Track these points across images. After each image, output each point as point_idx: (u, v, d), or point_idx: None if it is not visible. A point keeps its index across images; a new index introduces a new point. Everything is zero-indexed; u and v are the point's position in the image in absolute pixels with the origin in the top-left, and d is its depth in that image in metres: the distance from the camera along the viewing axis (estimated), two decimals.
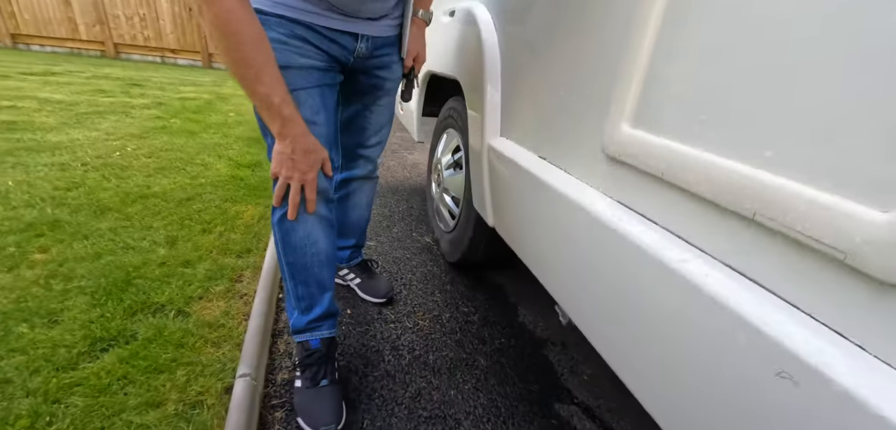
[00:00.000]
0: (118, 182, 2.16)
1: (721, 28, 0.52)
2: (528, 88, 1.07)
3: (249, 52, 0.76)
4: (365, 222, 1.50)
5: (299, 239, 1.01)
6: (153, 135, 3.07)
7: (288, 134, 0.85)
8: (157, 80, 5.62)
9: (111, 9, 7.26)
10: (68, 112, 3.48)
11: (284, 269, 1.06)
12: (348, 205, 1.41)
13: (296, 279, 1.06)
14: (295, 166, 0.89)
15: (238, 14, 0.72)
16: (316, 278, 1.07)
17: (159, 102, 4.21)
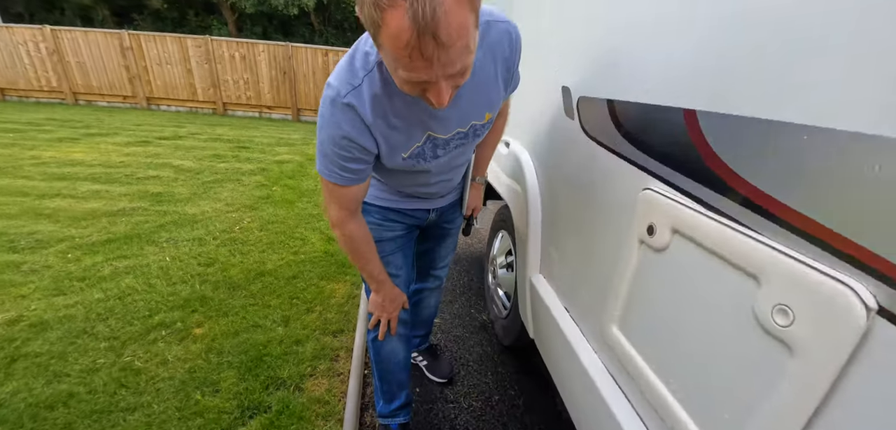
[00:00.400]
0: (241, 258, 2.76)
1: (673, 293, 0.83)
2: (560, 242, 1.39)
3: (363, 251, 1.14)
4: (432, 318, 1.88)
5: (386, 352, 1.42)
6: (261, 205, 3.74)
7: (381, 291, 1.25)
8: (258, 140, 6.60)
9: (222, 75, 8.61)
10: (196, 181, 4.32)
11: (374, 369, 1.47)
12: (420, 307, 1.80)
13: (382, 379, 1.46)
14: (384, 309, 1.29)
15: (358, 232, 1.10)
16: (397, 379, 1.47)
17: (262, 166, 5.02)
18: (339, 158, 0.91)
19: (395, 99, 0.88)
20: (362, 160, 0.94)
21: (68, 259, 2.65)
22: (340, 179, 0.95)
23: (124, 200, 3.70)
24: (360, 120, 0.87)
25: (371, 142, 0.91)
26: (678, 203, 0.78)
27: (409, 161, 1.00)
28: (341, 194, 0.99)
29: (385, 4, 0.59)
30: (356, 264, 1.19)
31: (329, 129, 0.88)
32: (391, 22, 0.60)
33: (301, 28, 20.58)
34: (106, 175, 4.37)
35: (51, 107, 8.56)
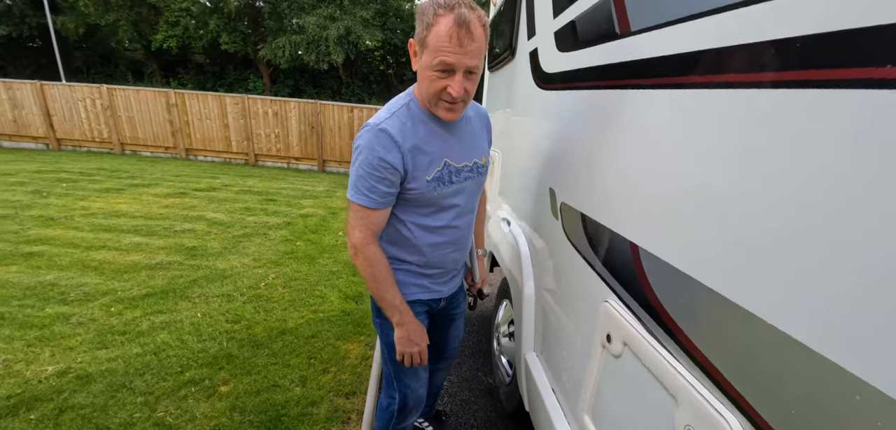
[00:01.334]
0: (265, 316, 2.97)
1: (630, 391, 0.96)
2: (549, 327, 1.53)
3: (383, 275, 1.22)
4: (439, 389, 2.00)
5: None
6: (285, 261, 3.99)
7: (405, 322, 1.27)
8: (285, 192, 7.00)
9: (255, 129, 9.23)
10: (227, 235, 4.64)
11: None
12: (430, 384, 1.91)
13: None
14: (413, 342, 1.30)
15: (378, 255, 1.21)
16: None
17: (288, 220, 5.34)
18: (372, 180, 1.13)
19: (419, 128, 1.17)
20: (391, 181, 1.15)
21: (111, 313, 2.92)
22: (370, 201, 1.15)
23: (162, 254, 4.02)
24: (392, 140, 1.12)
25: (399, 161, 1.13)
26: (627, 322, 0.93)
27: (432, 184, 1.21)
28: (369, 217, 1.17)
29: (441, 12, 1.01)
30: (376, 292, 1.25)
31: (366, 152, 1.12)
32: (441, 21, 1.01)
33: (330, 81, 21.77)
34: (147, 227, 4.75)
35: (100, 156, 9.30)
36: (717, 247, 0.70)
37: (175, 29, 18.70)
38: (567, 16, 1.44)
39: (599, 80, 1.17)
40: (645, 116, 0.93)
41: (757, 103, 0.62)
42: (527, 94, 1.98)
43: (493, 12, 2.98)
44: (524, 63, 2.03)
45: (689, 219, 0.77)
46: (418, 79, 1.14)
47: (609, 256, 1.06)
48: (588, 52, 1.26)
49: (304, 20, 16.92)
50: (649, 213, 0.90)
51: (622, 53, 1.03)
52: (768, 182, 0.60)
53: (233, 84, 21.75)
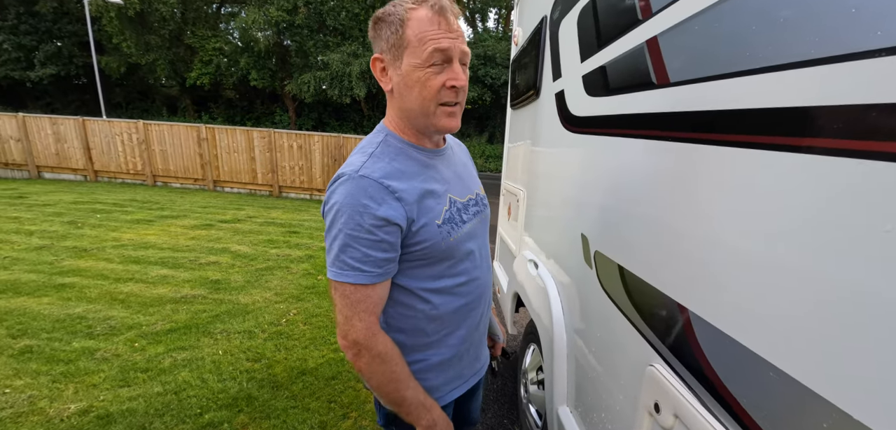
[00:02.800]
0: (285, 354, 2.93)
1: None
2: (584, 384, 1.44)
3: (399, 371, 0.92)
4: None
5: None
6: (307, 296, 3.98)
7: (436, 421, 0.98)
8: (307, 224, 7.09)
9: (280, 162, 9.48)
10: (250, 268, 4.68)
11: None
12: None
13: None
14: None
15: (390, 347, 0.91)
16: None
17: (310, 253, 5.36)
18: (363, 245, 0.84)
19: (408, 164, 0.94)
20: (389, 244, 0.87)
21: (135, 348, 2.94)
22: (367, 276, 0.86)
23: (187, 287, 4.07)
24: (382, 188, 0.86)
25: (399, 212, 0.87)
26: (679, 392, 0.85)
27: (445, 229, 0.95)
28: (368, 298, 0.88)
29: (413, 5, 0.87)
30: (395, 395, 0.94)
31: (348, 211, 0.84)
32: (416, 13, 0.86)
33: (353, 114, 22.36)
34: (173, 260, 4.84)
35: (134, 188, 9.66)
36: (774, 322, 0.63)
37: (208, 67, 19.67)
38: (596, 61, 1.41)
39: (637, 128, 1.12)
40: (694, 171, 0.87)
41: (832, 174, 0.56)
42: (553, 134, 1.94)
43: (515, 51, 2.99)
44: (550, 103, 2.00)
45: (746, 287, 0.70)
46: (400, 93, 0.92)
47: (653, 314, 0.99)
48: (621, 99, 1.22)
49: (328, 57, 17.55)
50: (701, 276, 0.83)
51: (661, 104, 0.99)
52: (840, 259, 0.54)
53: (260, 118, 22.59)
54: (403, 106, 0.94)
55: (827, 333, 0.56)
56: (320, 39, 18.71)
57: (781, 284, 0.64)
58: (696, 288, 0.84)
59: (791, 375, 0.60)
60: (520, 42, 2.87)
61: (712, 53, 0.81)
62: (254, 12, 18.13)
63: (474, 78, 19.25)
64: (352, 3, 18.79)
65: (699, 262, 0.83)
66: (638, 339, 1.04)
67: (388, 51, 0.91)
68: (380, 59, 0.94)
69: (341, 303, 0.88)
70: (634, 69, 1.13)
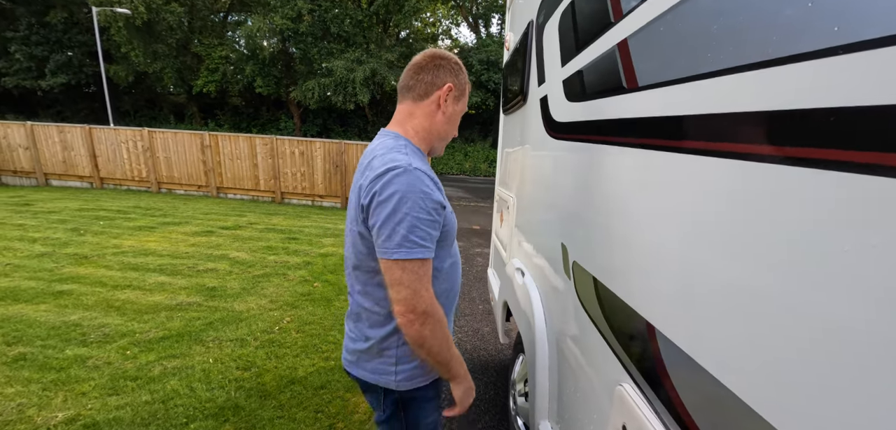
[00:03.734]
0: (276, 363, 2.91)
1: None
2: (563, 397, 1.39)
3: (448, 332, 1.05)
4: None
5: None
6: (302, 303, 3.97)
7: (464, 379, 1.12)
8: (307, 230, 7.09)
9: (282, 168, 9.52)
10: (247, 275, 4.68)
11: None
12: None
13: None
14: (464, 404, 1.16)
15: (441, 315, 1.02)
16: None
17: (307, 260, 5.36)
18: (426, 226, 0.98)
19: (425, 161, 1.14)
20: (439, 223, 1.03)
21: (127, 356, 2.93)
22: (429, 252, 0.99)
23: (183, 294, 4.07)
24: (429, 176, 1.03)
25: (441, 196, 1.05)
26: (644, 416, 0.80)
27: (453, 213, 1.14)
28: (429, 271, 1.01)
29: (469, 84, 1.21)
30: (444, 355, 1.06)
31: (412, 197, 0.96)
32: (467, 87, 1.22)
33: (357, 120, 22.46)
34: (172, 267, 4.85)
35: (138, 195, 9.75)
36: (739, 348, 0.58)
37: (214, 74, 19.89)
38: (575, 65, 1.37)
39: (609, 134, 1.09)
40: (661, 178, 0.83)
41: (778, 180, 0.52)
42: (538, 140, 1.91)
43: (507, 56, 2.97)
44: (535, 109, 1.97)
45: (705, 307, 0.66)
46: (443, 119, 1.17)
47: (623, 331, 0.94)
48: (596, 105, 1.18)
49: (332, 64, 17.66)
50: (665, 290, 0.79)
51: (631, 109, 0.95)
52: (813, 281, 0.49)
53: (265, 124, 22.77)
54: (435, 128, 1.17)
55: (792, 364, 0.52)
56: (324, 46, 18.84)
57: (740, 305, 0.59)
58: (662, 306, 0.80)
59: (749, 404, 0.56)
60: (511, 47, 2.85)
61: (680, 55, 0.77)
62: (259, 20, 18.33)
63: (477, 83, 19.26)
64: (355, 10, 18.92)
65: (665, 277, 0.79)
66: (610, 356, 0.99)
67: (458, 89, 1.18)
68: (452, 88, 1.16)
69: (410, 278, 0.97)
70: (607, 73, 1.09)
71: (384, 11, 19.82)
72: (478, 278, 5.25)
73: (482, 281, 5.14)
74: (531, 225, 1.97)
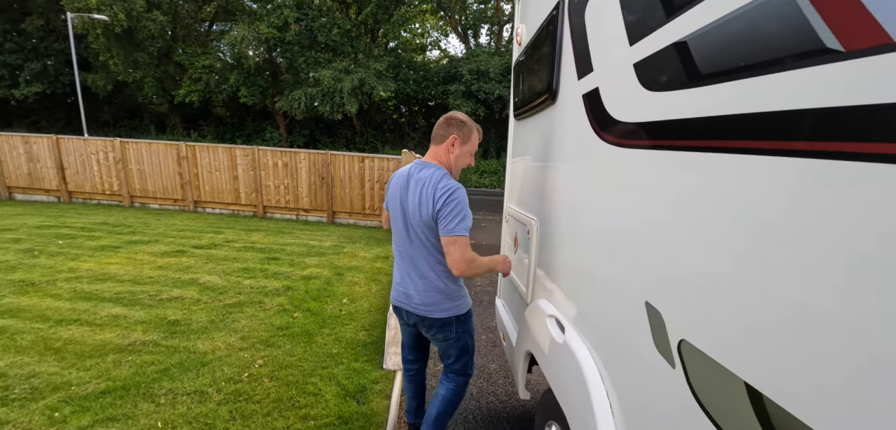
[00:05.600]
0: (241, 425, 2.36)
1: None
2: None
3: (487, 266, 1.83)
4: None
5: None
6: (278, 340, 3.42)
7: (505, 262, 2.04)
8: (289, 249, 6.52)
9: (264, 181, 8.94)
10: (217, 304, 4.11)
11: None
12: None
13: None
14: (504, 264, 2.04)
15: (480, 266, 1.78)
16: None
17: (288, 285, 4.80)
18: (469, 219, 1.73)
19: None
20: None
21: (54, 420, 2.36)
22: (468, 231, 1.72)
23: (139, 330, 3.49)
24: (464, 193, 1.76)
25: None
26: None
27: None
28: (468, 240, 1.72)
29: (473, 128, 1.91)
30: (484, 270, 1.82)
31: (466, 202, 1.74)
32: (475, 132, 1.94)
33: (345, 130, 21.95)
34: (131, 295, 4.26)
35: (108, 209, 9.07)
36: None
37: (197, 84, 19.24)
38: (665, 36, 0.91)
39: (750, 137, 0.62)
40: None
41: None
42: (581, 148, 1.44)
43: (517, 52, 2.51)
44: (574, 108, 1.50)
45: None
46: (456, 157, 1.87)
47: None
48: (721, 91, 0.71)
49: (320, 74, 17.19)
50: None
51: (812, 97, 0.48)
52: None
53: (251, 135, 22.11)
54: (450, 162, 1.86)
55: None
56: (311, 56, 18.37)
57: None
58: None
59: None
60: (523, 41, 2.39)
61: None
62: (244, 29, 17.78)
63: (468, 93, 18.94)
64: (343, 19, 18.52)
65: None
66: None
67: (461, 137, 1.85)
68: (457, 139, 1.84)
69: (464, 249, 1.67)
70: (759, 34, 0.62)
71: (372, 21, 19.46)
72: (476, 300, 4.75)
73: (482, 305, 4.65)
74: (576, 265, 1.49)
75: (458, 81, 19.19)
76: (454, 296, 1.85)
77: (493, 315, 4.37)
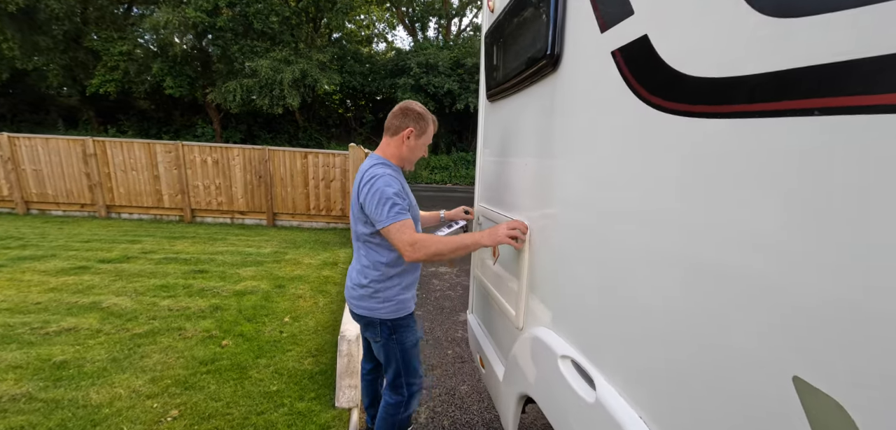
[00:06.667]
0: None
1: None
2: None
3: (436, 242, 1.57)
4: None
5: None
6: (200, 379, 2.75)
7: (494, 232, 1.60)
8: (221, 258, 5.70)
9: (192, 181, 7.90)
10: (123, 335, 3.33)
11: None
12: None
13: None
14: (510, 228, 1.56)
15: (432, 244, 1.56)
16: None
17: (216, 303, 4.06)
18: (400, 198, 1.60)
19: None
20: (404, 200, 1.63)
21: None
22: (407, 213, 1.60)
23: (10, 380, 2.68)
24: (398, 176, 1.71)
25: (405, 189, 1.72)
26: None
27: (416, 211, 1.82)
28: (409, 223, 1.58)
29: (430, 120, 1.79)
30: (448, 255, 1.59)
31: (394, 185, 1.61)
32: (432, 124, 1.80)
33: (287, 126, 20.61)
34: (6, 329, 3.36)
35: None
36: None
37: (114, 73, 17.15)
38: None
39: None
40: None
41: None
42: (612, 124, 1.02)
43: (489, 20, 2.07)
44: (596, 71, 1.08)
45: None
46: (411, 149, 1.77)
47: None
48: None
49: (256, 63, 15.87)
50: None
51: None
52: None
53: (180, 130, 20.15)
54: (402, 154, 1.76)
55: None
56: (247, 44, 16.93)
57: None
58: None
59: None
60: (497, 4, 1.95)
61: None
62: (168, 13, 15.95)
63: (416, 86, 18.41)
64: (282, 5, 17.23)
65: None
66: None
67: (417, 129, 1.74)
68: (413, 131, 1.73)
69: (400, 232, 1.56)
70: None
71: (314, 9, 18.32)
72: (439, 309, 4.30)
73: (445, 312, 4.20)
74: (617, 293, 1.06)
75: (406, 74, 18.58)
76: (377, 295, 1.72)
77: (459, 326, 3.93)
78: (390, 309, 1.74)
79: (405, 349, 1.81)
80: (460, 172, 19.27)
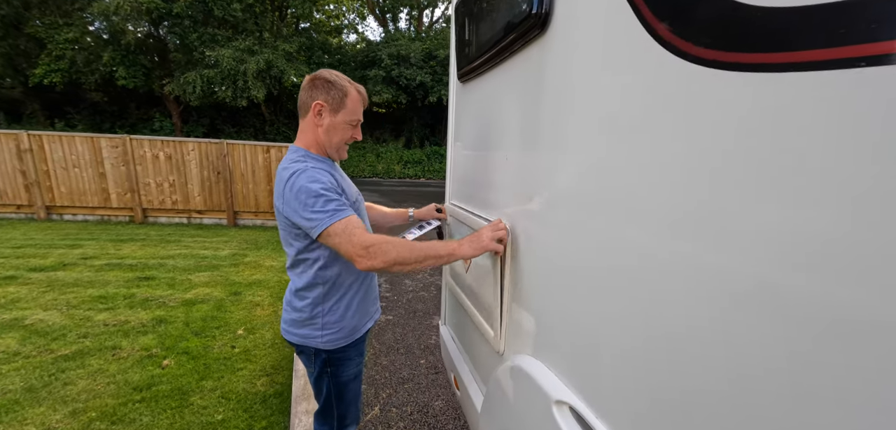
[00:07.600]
0: None
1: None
2: None
3: (399, 246, 1.21)
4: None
5: None
6: (132, 410, 2.36)
7: (477, 239, 1.24)
8: (172, 262, 5.20)
9: (143, 178, 7.29)
10: (46, 357, 2.88)
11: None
12: None
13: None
14: (494, 230, 1.24)
15: (378, 238, 1.20)
16: None
17: (161, 315, 3.63)
18: (333, 192, 1.27)
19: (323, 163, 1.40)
20: (340, 196, 1.31)
21: None
22: (348, 209, 1.27)
23: None
24: (325, 167, 1.35)
25: (340, 183, 1.38)
26: None
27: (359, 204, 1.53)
28: (354, 221, 1.24)
29: (349, 88, 1.37)
30: (413, 266, 1.23)
31: (321, 177, 1.27)
32: (353, 92, 1.38)
33: (252, 119, 19.73)
34: None
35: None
36: None
37: (60, 63, 15.89)
38: None
39: None
40: None
41: None
42: (634, 82, 0.75)
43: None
44: (604, 25, 0.81)
45: None
46: (326, 130, 1.38)
47: None
48: None
49: (218, 53, 15.02)
50: None
51: None
52: None
53: (136, 124, 18.98)
54: (319, 139, 1.39)
55: None
56: (207, 33, 16.01)
57: None
58: None
59: None
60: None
61: None
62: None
63: (388, 78, 17.92)
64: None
65: None
66: None
67: (329, 103, 1.35)
68: (321, 105, 1.35)
69: (344, 236, 1.22)
70: None
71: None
72: (411, 312, 4.01)
73: (418, 316, 3.91)
74: (659, 327, 0.78)
75: (377, 66, 18.05)
76: (315, 320, 1.41)
77: (433, 331, 3.65)
78: (330, 338, 1.42)
79: (340, 384, 1.50)
80: (434, 167, 18.97)
